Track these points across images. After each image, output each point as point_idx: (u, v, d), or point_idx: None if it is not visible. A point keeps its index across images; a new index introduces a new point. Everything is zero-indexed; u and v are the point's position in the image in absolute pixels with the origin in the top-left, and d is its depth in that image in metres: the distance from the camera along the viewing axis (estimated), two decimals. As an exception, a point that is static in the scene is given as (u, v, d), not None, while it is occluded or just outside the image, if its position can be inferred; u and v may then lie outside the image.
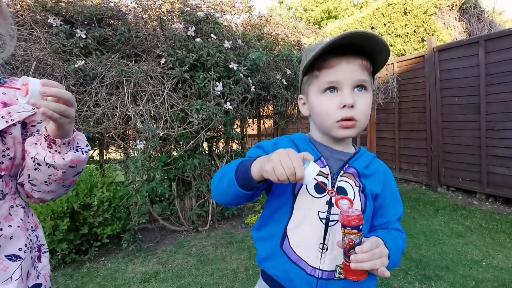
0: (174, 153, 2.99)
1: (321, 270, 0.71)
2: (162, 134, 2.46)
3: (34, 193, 0.75)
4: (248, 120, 3.73)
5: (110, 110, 2.39)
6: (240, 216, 3.46)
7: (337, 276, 0.71)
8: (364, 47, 0.70)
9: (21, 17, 2.45)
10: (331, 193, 0.69)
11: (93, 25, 2.40)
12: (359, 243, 0.62)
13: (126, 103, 2.32)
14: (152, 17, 2.68)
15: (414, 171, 4.76)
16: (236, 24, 3.22)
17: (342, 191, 0.73)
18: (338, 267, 0.71)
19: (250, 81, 2.63)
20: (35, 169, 0.70)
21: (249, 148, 3.89)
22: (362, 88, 0.73)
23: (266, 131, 4.22)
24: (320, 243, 0.71)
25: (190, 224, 3.07)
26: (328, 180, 0.74)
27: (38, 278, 0.74)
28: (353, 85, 0.72)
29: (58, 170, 0.70)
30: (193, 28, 2.44)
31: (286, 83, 3.17)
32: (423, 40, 5.32)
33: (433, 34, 5.20)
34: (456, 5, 5.33)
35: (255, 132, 4.11)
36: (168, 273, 2.30)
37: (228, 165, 0.74)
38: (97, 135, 2.60)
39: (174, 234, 3.04)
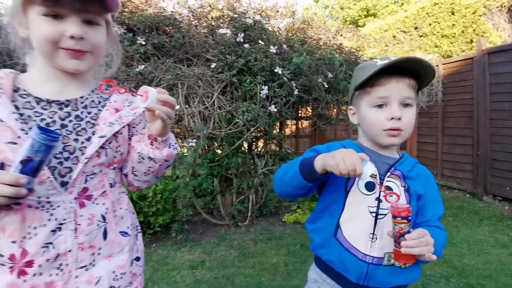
0: (218, 151, 3.18)
1: (371, 256, 0.81)
2: (210, 134, 2.64)
3: (135, 182, 0.90)
4: (287, 121, 3.84)
5: (165, 110, 2.62)
6: (277, 215, 3.57)
7: (385, 262, 0.80)
8: (412, 69, 0.80)
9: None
10: (382, 188, 0.78)
11: (152, 32, 2.63)
12: (408, 232, 0.71)
13: (180, 104, 2.53)
14: (203, 24, 2.88)
15: (458, 178, 4.58)
16: (279, 28, 3.34)
17: (389, 190, 0.83)
18: (386, 255, 0.80)
19: (294, 84, 2.73)
20: (139, 162, 0.84)
21: (287, 148, 4.00)
22: (408, 105, 0.83)
23: (304, 132, 4.29)
24: (370, 233, 0.82)
25: (231, 218, 3.24)
26: (376, 180, 0.84)
27: (137, 252, 0.91)
28: (400, 101, 0.82)
29: (156, 163, 0.83)
30: (242, 34, 2.60)
31: (327, 86, 3.23)
32: (471, 41, 5.08)
33: (482, 36, 4.94)
34: (505, 6, 5.02)
35: (293, 132, 4.20)
36: (213, 263, 2.48)
37: (291, 162, 0.87)
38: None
39: (216, 228, 3.23)
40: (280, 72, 2.63)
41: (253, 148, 3.46)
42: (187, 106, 2.59)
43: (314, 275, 0.93)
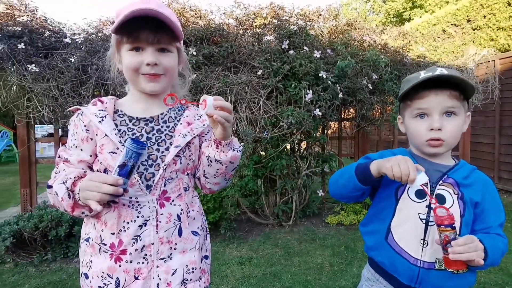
0: (262, 153, 3.31)
1: (422, 261, 0.85)
2: (256, 137, 2.78)
3: (207, 184, 1.01)
4: (330, 123, 3.85)
5: (214, 116, 2.81)
6: (320, 216, 3.61)
7: (437, 267, 0.84)
8: (454, 81, 0.82)
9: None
10: (432, 200, 0.80)
11: (203, 43, 2.83)
12: (454, 239, 0.74)
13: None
14: (249, 33, 3.02)
15: (518, 182, 4.23)
16: (322, 31, 3.37)
17: (440, 198, 0.86)
18: (438, 260, 0.83)
19: (338, 87, 2.77)
20: (208, 165, 0.93)
21: (329, 150, 4.00)
22: (451, 114, 0.85)
23: (347, 133, 4.26)
24: (421, 239, 0.85)
25: (275, 218, 3.35)
26: (427, 188, 0.86)
27: (206, 251, 1.03)
28: (442, 112, 0.84)
29: (222, 165, 0.91)
30: (287, 41, 2.69)
31: (371, 87, 3.20)
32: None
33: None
34: None
35: (336, 134, 4.19)
36: (260, 260, 2.61)
37: (346, 167, 0.95)
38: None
39: (260, 226, 3.37)
40: (324, 76, 2.68)
41: (296, 150, 3.54)
42: (235, 111, 2.75)
43: (368, 274, 0.99)
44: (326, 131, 3.87)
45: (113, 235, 0.85)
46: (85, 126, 0.89)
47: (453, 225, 0.75)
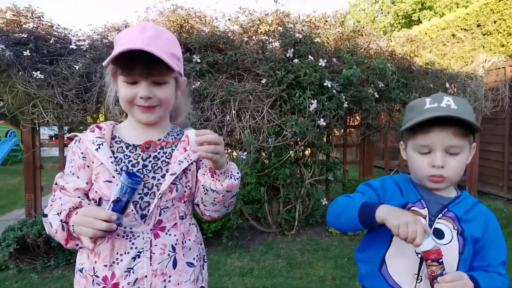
0: (266, 161, 3.28)
1: None
2: (259, 146, 2.75)
3: (206, 212, 0.97)
4: (335, 131, 3.81)
5: (218, 124, 2.79)
6: (324, 225, 3.57)
7: None
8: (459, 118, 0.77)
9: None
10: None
11: (207, 51, 2.82)
12: (441, 274, 0.72)
13: (233, 118, 2.68)
14: (254, 39, 3.00)
15: (528, 192, 4.13)
16: (328, 38, 3.33)
17: (438, 232, 0.83)
18: None
19: (343, 97, 2.73)
20: (205, 194, 0.91)
21: (334, 157, 3.96)
22: (454, 152, 0.81)
23: (353, 140, 4.21)
24: (415, 274, 0.82)
25: (277, 227, 3.33)
26: (425, 221, 0.83)
27: (202, 282, 0.99)
28: (445, 149, 0.80)
29: (219, 194, 0.88)
30: (292, 50, 2.66)
31: (377, 96, 3.16)
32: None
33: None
34: None
35: (341, 141, 4.14)
36: (262, 271, 2.58)
37: (349, 200, 0.90)
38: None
39: (263, 235, 3.34)
40: (329, 86, 2.65)
41: (300, 158, 3.50)
42: (238, 120, 2.73)
43: None
44: (330, 139, 3.83)
45: (106, 267, 0.83)
46: (82, 153, 0.88)
47: (440, 260, 0.72)
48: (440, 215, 0.84)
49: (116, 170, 0.85)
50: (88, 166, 0.88)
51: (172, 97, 0.92)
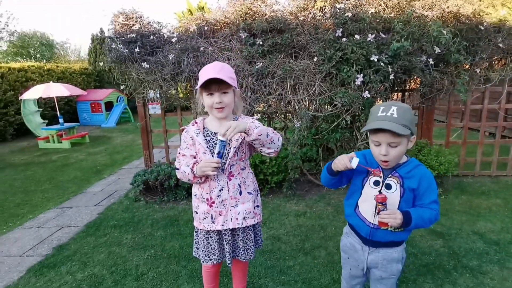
0: (323, 126, 3.77)
1: (373, 223, 1.38)
2: (313, 115, 3.27)
3: (264, 152, 1.54)
4: (393, 94, 3.98)
5: (278, 96, 3.38)
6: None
7: (378, 220, 1.35)
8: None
9: (224, 31, 3.66)
10: (377, 172, 1.32)
11: (268, 34, 3.32)
12: (383, 210, 1.27)
13: (288, 92, 3.23)
14: (309, 19, 3.35)
15: None
16: (386, 5, 3.42)
17: (388, 185, 1.34)
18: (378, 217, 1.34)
19: (390, 69, 2.97)
20: (254, 144, 1.52)
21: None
22: (394, 145, 1.26)
23: (412, 104, 4.30)
24: (373, 211, 1.37)
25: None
26: (381, 178, 1.35)
27: (257, 203, 1.71)
28: (388, 144, 1.27)
29: (257, 140, 1.46)
30: (340, 29, 2.97)
31: (432, 62, 3.24)
32: None
33: None
34: None
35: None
36: (313, 214, 3.28)
37: (326, 166, 1.47)
38: (267, 113, 3.69)
39: (318, 188, 3.98)
40: (376, 60, 2.92)
41: (356, 122, 3.87)
42: (294, 94, 3.26)
43: (346, 230, 1.57)
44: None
45: (207, 194, 1.62)
46: (191, 138, 1.61)
47: (384, 203, 1.28)
48: (390, 175, 1.36)
49: (208, 147, 1.58)
50: (194, 144, 1.60)
51: (232, 101, 1.58)
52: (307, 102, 3.36)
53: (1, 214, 3.81)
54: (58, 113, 8.50)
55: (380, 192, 1.36)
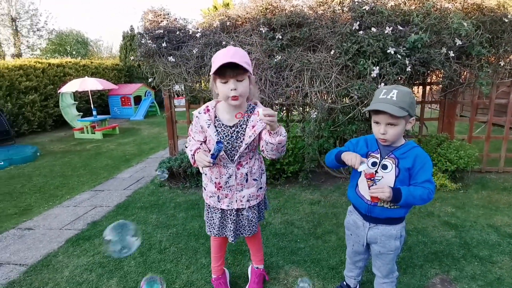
0: (340, 117, 3.85)
1: (369, 200, 1.49)
2: (329, 106, 3.36)
3: (267, 155, 1.58)
4: (413, 87, 3.97)
5: (295, 89, 3.50)
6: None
7: (378, 204, 1.47)
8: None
9: (246, 26, 3.82)
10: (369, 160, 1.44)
11: (287, 29, 3.44)
12: (372, 185, 1.38)
13: (305, 85, 3.34)
14: (328, 12, 3.43)
15: None
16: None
17: (384, 166, 1.45)
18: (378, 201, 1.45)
19: (407, 61, 3.00)
20: (266, 145, 1.52)
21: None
22: (392, 125, 1.37)
23: (434, 97, 4.26)
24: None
25: (347, 174, 3.97)
26: (378, 159, 1.46)
27: (261, 184, 1.80)
28: (386, 123, 1.38)
29: (274, 145, 1.47)
30: (357, 22, 3.03)
31: (453, 55, 3.22)
32: None
33: None
34: None
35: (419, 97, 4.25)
36: (327, 203, 3.39)
37: (333, 150, 1.59)
38: (285, 105, 3.82)
39: (335, 179, 4.06)
40: (392, 53, 2.97)
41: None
42: (311, 86, 3.37)
43: (350, 208, 1.70)
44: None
45: (216, 178, 1.71)
46: (201, 126, 1.64)
47: (372, 179, 1.39)
48: (386, 156, 1.47)
49: (217, 138, 1.62)
50: (203, 132, 1.65)
51: (248, 88, 1.54)
52: (324, 94, 3.45)
53: (43, 194, 4.24)
54: (92, 106, 9.09)
55: (376, 172, 1.47)
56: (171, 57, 3.83)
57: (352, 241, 1.74)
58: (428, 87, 4.12)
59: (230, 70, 1.43)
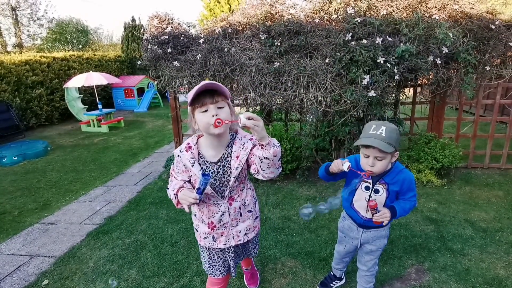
0: (336, 119, 4.11)
1: (366, 217, 1.77)
2: (324, 110, 3.63)
3: (265, 175, 1.40)
4: (404, 89, 4.20)
5: (293, 93, 3.75)
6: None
7: (373, 220, 1.72)
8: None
9: (246, 32, 4.03)
10: (365, 175, 1.63)
11: (284, 37, 3.66)
12: (375, 213, 1.61)
13: (302, 90, 3.59)
14: (324, 20, 3.64)
15: None
16: (396, 8, 3.62)
17: (377, 190, 1.70)
18: (372, 217, 1.71)
19: (396, 70, 3.24)
20: (261, 162, 1.32)
21: (400, 113, 4.40)
22: (380, 158, 1.56)
23: (424, 98, 4.49)
24: (365, 208, 1.74)
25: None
26: (370, 184, 1.70)
27: (256, 213, 1.71)
28: (374, 157, 1.56)
29: (270, 160, 1.29)
30: (350, 34, 3.26)
31: (440, 62, 3.45)
32: None
33: None
34: None
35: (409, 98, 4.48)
36: (322, 199, 3.70)
37: (323, 165, 1.81)
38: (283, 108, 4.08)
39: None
40: (382, 62, 3.20)
41: (363, 117, 4.17)
42: (307, 92, 3.62)
43: (344, 214, 1.99)
44: (398, 95, 4.27)
45: (208, 218, 1.58)
46: (184, 165, 1.47)
47: (375, 208, 1.61)
48: (378, 182, 1.70)
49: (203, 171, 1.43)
50: (187, 171, 1.48)
51: (229, 115, 1.38)
52: (319, 98, 3.71)
53: (59, 190, 4.58)
54: (98, 99, 9.34)
55: (370, 196, 1.72)
56: (176, 61, 4.07)
57: (345, 242, 2.02)
58: (419, 88, 4.35)
59: (209, 96, 1.32)
